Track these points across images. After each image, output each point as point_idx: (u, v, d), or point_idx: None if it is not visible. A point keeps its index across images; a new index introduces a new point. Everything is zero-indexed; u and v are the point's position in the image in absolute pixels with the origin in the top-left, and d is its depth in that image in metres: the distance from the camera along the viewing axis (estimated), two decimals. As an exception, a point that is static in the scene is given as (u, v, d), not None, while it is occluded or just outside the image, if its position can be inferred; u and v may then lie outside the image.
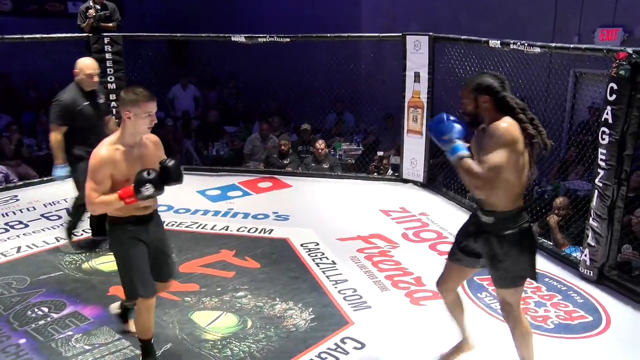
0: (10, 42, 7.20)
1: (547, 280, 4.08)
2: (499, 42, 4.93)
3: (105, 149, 2.69)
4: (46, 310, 3.62)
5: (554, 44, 4.57)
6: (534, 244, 2.65)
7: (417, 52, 5.92)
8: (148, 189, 2.60)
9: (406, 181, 6.34)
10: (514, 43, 4.73)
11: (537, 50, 4.56)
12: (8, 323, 3.50)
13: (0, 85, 9.66)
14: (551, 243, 4.57)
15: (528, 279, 2.66)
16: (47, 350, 3.21)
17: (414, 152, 6.19)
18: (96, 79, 4.33)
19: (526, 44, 4.62)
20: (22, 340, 3.32)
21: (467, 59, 5.66)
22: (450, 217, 5.31)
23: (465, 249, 2.78)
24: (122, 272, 2.92)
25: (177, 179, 2.74)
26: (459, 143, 2.50)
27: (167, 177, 2.68)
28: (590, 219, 3.99)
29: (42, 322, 3.48)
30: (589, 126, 5.69)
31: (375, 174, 6.82)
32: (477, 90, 2.54)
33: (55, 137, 4.27)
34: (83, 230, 4.74)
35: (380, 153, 7.14)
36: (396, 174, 6.56)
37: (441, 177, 6.34)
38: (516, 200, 2.57)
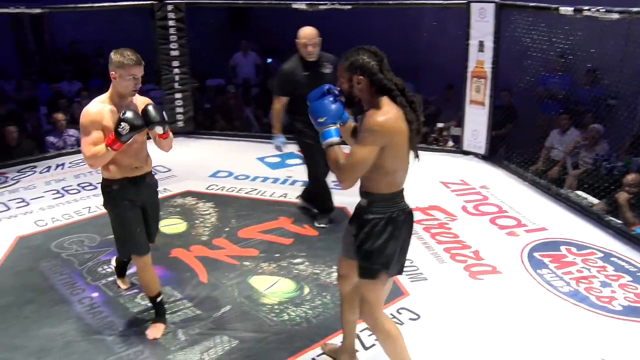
0: (82, 11, 7.44)
1: (615, 260, 3.94)
2: (571, 8, 4.68)
3: (94, 106, 2.82)
4: (114, 268, 3.78)
5: (635, 9, 4.25)
6: (399, 237, 2.36)
7: (482, 20, 5.71)
8: (124, 128, 2.66)
9: (467, 153, 6.21)
10: (588, 9, 4.48)
11: (615, 16, 4.29)
12: (82, 277, 3.71)
13: (71, 52, 10.04)
14: (620, 221, 4.39)
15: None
16: (115, 304, 3.38)
17: (475, 123, 6.04)
18: (311, 48, 4.11)
19: (603, 10, 4.36)
20: (95, 294, 3.51)
21: (535, 27, 5.41)
22: (511, 191, 5.19)
23: (345, 234, 2.58)
24: (114, 230, 3.05)
25: (158, 120, 2.79)
26: (332, 128, 2.28)
27: (147, 117, 2.75)
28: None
29: (110, 278, 3.66)
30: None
31: (435, 145, 6.71)
32: (350, 70, 2.28)
33: (274, 106, 4.33)
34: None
35: (440, 124, 7.00)
36: (456, 145, 6.43)
37: (503, 149, 6.18)
38: (392, 185, 2.34)
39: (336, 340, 3.00)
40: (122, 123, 2.67)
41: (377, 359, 2.87)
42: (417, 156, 2.38)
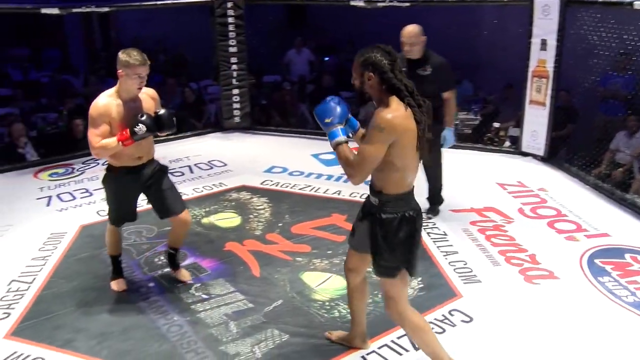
0: (145, 8, 7.68)
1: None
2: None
3: (103, 100, 3.03)
4: (171, 259, 3.90)
5: None
6: (414, 235, 2.41)
7: (546, 18, 5.54)
8: (141, 129, 2.91)
9: (525, 154, 6.04)
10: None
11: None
12: (139, 267, 3.84)
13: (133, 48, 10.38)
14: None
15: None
16: (171, 295, 3.49)
17: (535, 124, 5.86)
18: (407, 47, 4.09)
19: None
20: (151, 284, 3.63)
21: (603, 24, 5.18)
22: (571, 195, 5.01)
23: (354, 230, 2.64)
24: (107, 201, 3.40)
25: (169, 126, 3.07)
26: (339, 127, 2.37)
27: (160, 123, 3.03)
28: None
29: (167, 269, 3.76)
30: None
31: (491, 145, 6.56)
32: (362, 66, 2.33)
33: None
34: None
35: (496, 124, 6.84)
36: (514, 146, 6.27)
37: (564, 151, 5.98)
38: (403, 184, 2.39)
39: (386, 339, 2.99)
40: (139, 124, 2.91)
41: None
42: (421, 157, 2.42)
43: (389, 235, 2.38)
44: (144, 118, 2.95)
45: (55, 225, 4.48)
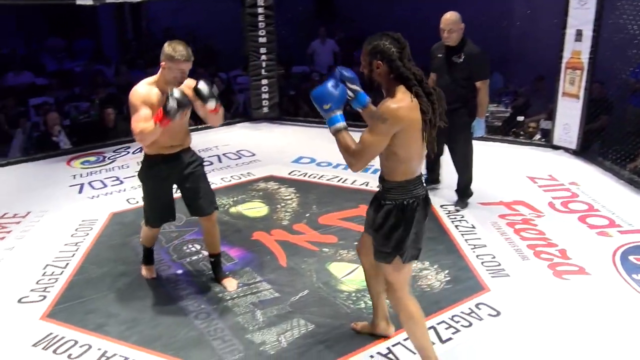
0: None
1: None
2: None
3: (142, 87, 3.02)
4: (198, 247, 3.95)
5: None
6: (411, 223, 2.39)
7: (582, 7, 5.41)
8: (172, 107, 2.83)
9: (557, 147, 5.93)
10: None
11: None
12: (168, 254, 3.90)
13: (164, 39, 10.49)
14: None
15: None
16: (199, 283, 3.53)
17: (568, 116, 5.75)
18: (445, 34, 4.17)
19: None
20: (180, 271, 3.69)
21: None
22: (604, 189, 4.91)
23: (366, 215, 2.66)
24: (143, 198, 3.37)
25: (210, 95, 2.98)
26: (338, 114, 2.35)
27: (200, 95, 2.96)
28: None
29: (195, 257, 3.82)
30: None
31: (522, 138, 6.45)
32: (371, 54, 2.32)
33: (430, 79, 4.36)
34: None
35: (521, 118, 6.72)
36: (545, 139, 6.16)
37: (597, 145, 5.85)
38: (406, 173, 2.38)
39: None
40: (169, 101, 2.84)
41: (454, 353, 2.84)
42: (428, 148, 2.38)
43: (386, 221, 2.41)
44: (174, 94, 2.87)
45: (86, 212, 4.58)
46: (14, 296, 3.40)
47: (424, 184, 2.48)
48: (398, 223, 2.39)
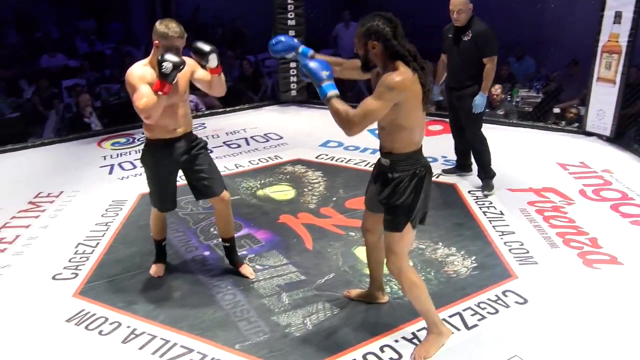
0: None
1: None
2: None
3: (137, 69, 2.97)
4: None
5: None
6: (420, 190, 2.53)
7: (623, -12, 5.24)
8: (167, 68, 2.77)
9: (589, 134, 5.80)
10: None
11: None
12: (196, 235, 3.95)
13: (192, 21, 10.53)
14: None
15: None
16: (225, 264, 3.56)
17: (602, 102, 5.60)
18: (455, 15, 4.24)
19: None
20: (207, 253, 3.73)
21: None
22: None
23: (367, 192, 2.80)
24: (147, 184, 3.30)
25: (211, 50, 2.98)
26: (329, 82, 2.45)
27: (199, 50, 2.97)
28: None
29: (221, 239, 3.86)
30: None
31: (554, 124, 6.32)
32: (365, 35, 2.42)
33: (440, 60, 4.66)
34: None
35: (556, 110, 6.57)
36: (578, 125, 6.02)
37: (633, 131, 5.69)
38: (411, 144, 2.52)
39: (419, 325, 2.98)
40: (163, 64, 2.79)
41: (480, 339, 2.82)
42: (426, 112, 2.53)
43: (398, 192, 2.51)
44: (165, 55, 2.79)
45: (116, 192, 4.66)
46: (49, 273, 3.50)
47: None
48: (410, 191, 2.51)
